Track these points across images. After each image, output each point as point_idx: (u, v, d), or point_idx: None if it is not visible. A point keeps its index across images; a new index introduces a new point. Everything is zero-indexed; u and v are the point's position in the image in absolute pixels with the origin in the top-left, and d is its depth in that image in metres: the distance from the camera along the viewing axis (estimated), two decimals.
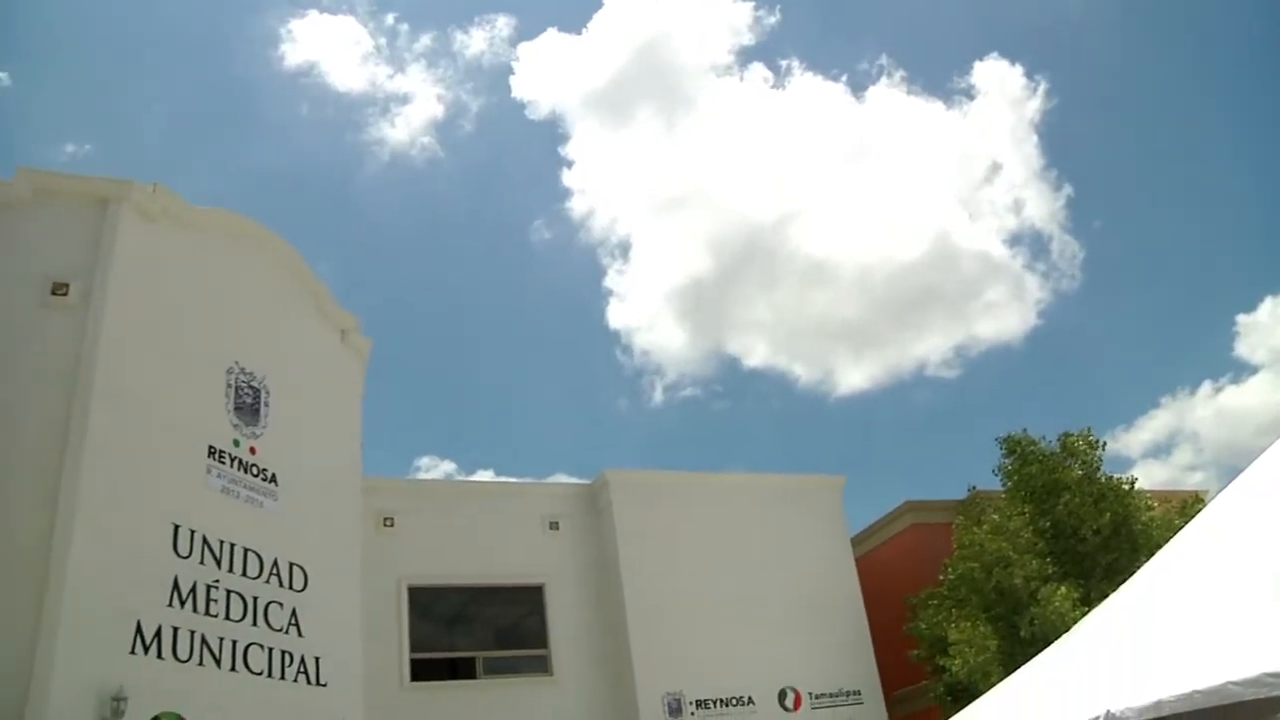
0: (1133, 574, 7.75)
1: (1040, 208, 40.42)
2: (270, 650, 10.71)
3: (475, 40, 42.64)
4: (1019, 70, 40.46)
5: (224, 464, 10.98)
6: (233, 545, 10.69)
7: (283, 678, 10.77)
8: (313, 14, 41.97)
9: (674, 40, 39.59)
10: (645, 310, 41.05)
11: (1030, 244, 41.56)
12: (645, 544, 17.28)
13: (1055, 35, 41.14)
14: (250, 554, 10.88)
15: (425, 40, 43.15)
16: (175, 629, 9.69)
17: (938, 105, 42.12)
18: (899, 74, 42.55)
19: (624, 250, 44.56)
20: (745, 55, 46.07)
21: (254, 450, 11.46)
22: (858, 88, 43.58)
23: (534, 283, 42.19)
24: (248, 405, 11.60)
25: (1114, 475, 16.52)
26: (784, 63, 43.94)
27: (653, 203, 40.32)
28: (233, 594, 10.49)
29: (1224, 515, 6.33)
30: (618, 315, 43.76)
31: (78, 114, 36.63)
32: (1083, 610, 13.03)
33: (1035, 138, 40.69)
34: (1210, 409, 39.40)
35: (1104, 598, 8.49)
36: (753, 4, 46.69)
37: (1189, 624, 5.30)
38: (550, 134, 44.87)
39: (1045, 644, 9.17)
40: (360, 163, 40.78)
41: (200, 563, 10.25)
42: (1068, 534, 16.00)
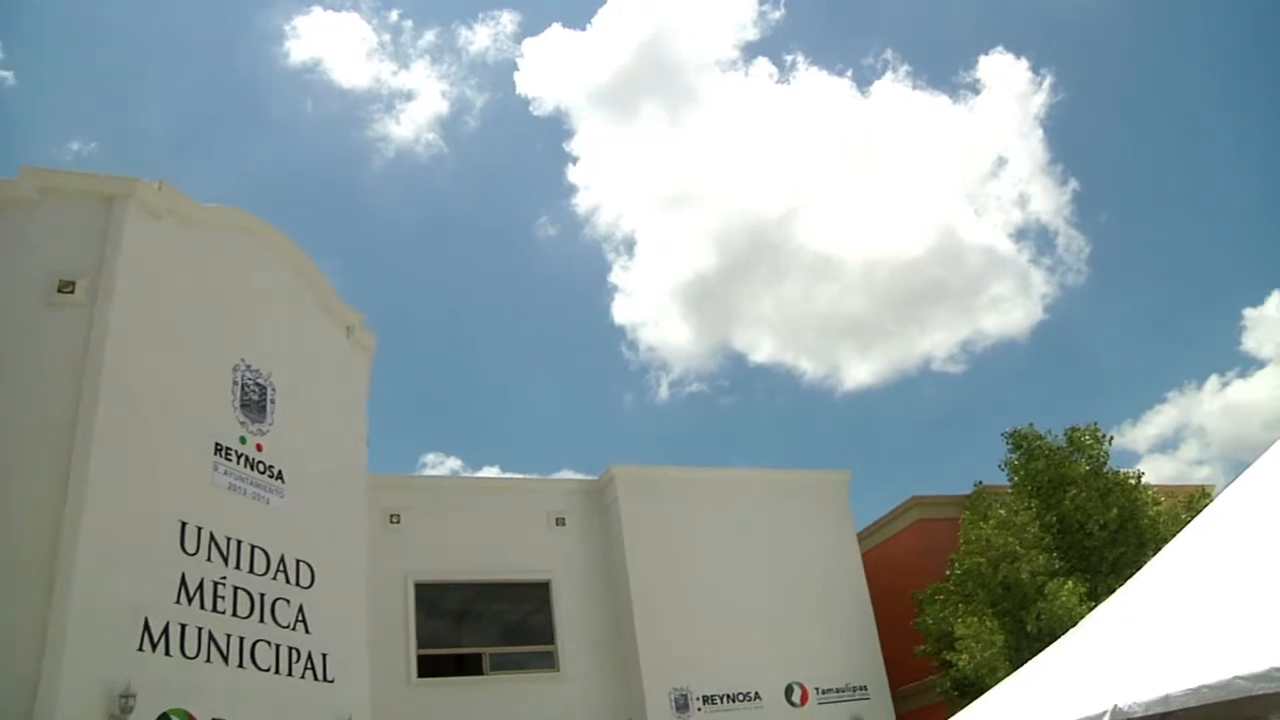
0: (1139, 569, 7.74)
1: (1046, 202, 40.36)
2: (278, 647, 10.73)
3: (479, 36, 42.67)
4: (1024, 64, 40.50)
5: (230, 461, 11.00)
6: (239, 542, 10.71)
7: (290, 674, 10.79)
8: (317, 10, 42.14)
9: (678, 35, 39.60)
10: (651, 306, 41.12)
11: (1036, 238, 41.49)
12: (651, 540, 17.30)
13: (1061, 29, 41.10)
14: (257, 551, 10.90)
15: (429, 36, 43.16)
16: (183, 626, 9.71)
17: (943, 99, 42.08)
18: (904, 68, 42.52)
19: (629, 246, 44.61)
20: (750, 50, 46.10)
21: (260, 447, 11.47)
22: (863, 82, 43.61)
23: (539, 279, 42.27)
24: (254, 402, 11.61)
25: (1121, 470, 16.51)
26: (789, 58, 43.83)
27: (658, 198, 40.35)
28: (240, 591, 10.51)
29: (1231, 510, 6.32)
30: (623, 311, 43.84)
31: (82, 112, 36.72)
32: (1089, 605, 13.02)
33: (1041, 132, 40.62)
34: (1217, 403, 39.35)
35: (1111, 592, 8.49)
36: None
37: (1196, 618, 5.29)
38: (555, 130, 44.99)
39: (1052, 639, 9.17)
40: (365, 159, 40.85)
41: (207, 559, 10.27)
42: (1074, 529, 15.98)
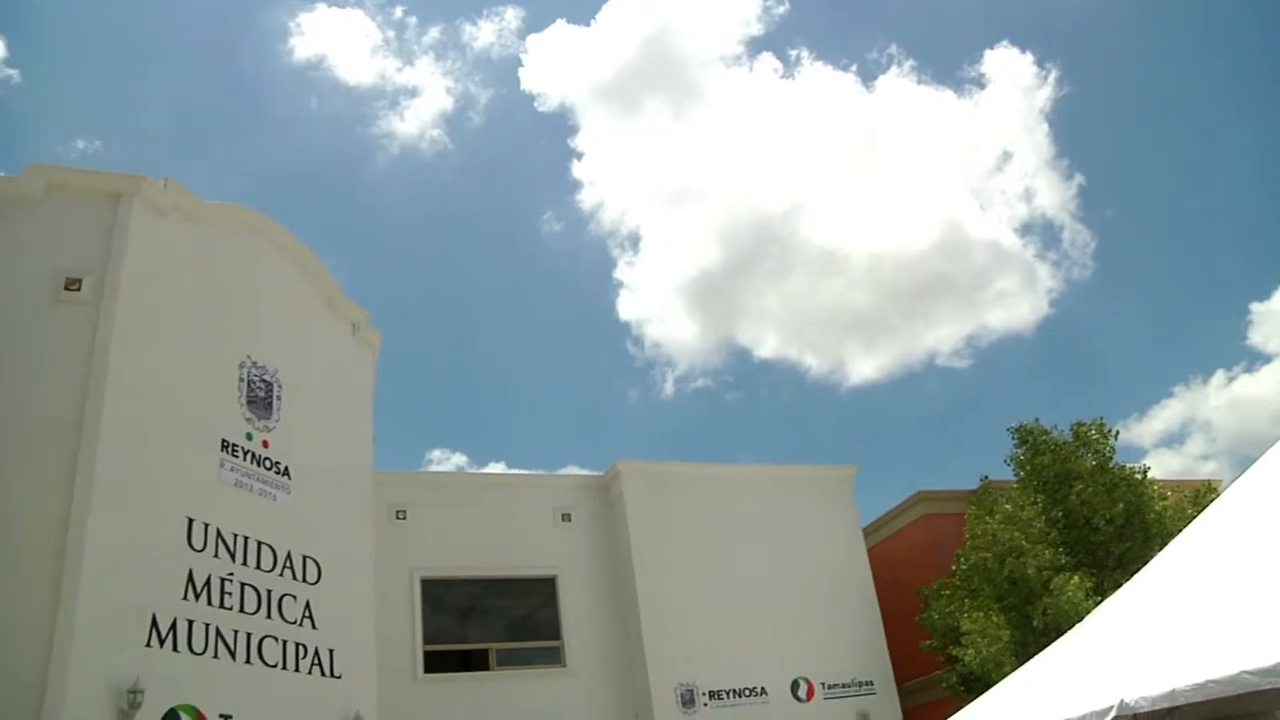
0: (1146, 564, 7.74)
1: (1051, 196, 40.28)
2: (285, 643, 10.76)
3: (484, 32, 42.69)
4: (1030, 58, 40.36)
5: (237, 457, 11.02)
6: (246, 538, 10.73)
7: (297, 670, 10.82)
8: (321, 8, 42.11)
9: (682, 31, 39.58)
10: (656, 302, 41.11)
11: (1041, 233, 41.33)
12: (657, 535, 17.32)
13: (1066, 23, 40.96)
14: (264, 547, 10.92)
15: (434, 33, 43.19)
16: (190, 622, 9.73)
17: (948, 94, 42.04)
18: (909, 63, 42.44)
19: (634, 242, 44.63)
20: (754, 45, 45.96)
21: (267, 444, 11.49)
22: (868, 77, 43.52)
23: (544, 275, 42.28)
24: (260, 399, 11.63)
25: (1127, 465, 16.46)
26: (793, 52, 43.76)
27: (662, 194, 40.34)
28: (247, 587, 10.54)
29: (1237, 505, 6.32)
30: (628, 307, 43.82)
31: (87, 110, 36.81)
32: (1096, 600, 13.02)
33: (1046, 126, 40.53)
34: (1224, 398, 39.24)
35: (1117, 587, 8.49)
36: None
37: (1203, 613, 5.29)
38: (559, 126, 44.93)
39: (1058, 634, 9.17)
40: (370, 156, 40.88)
41: (214, 556, 10.29)
42: (1080, 523, 15.95)
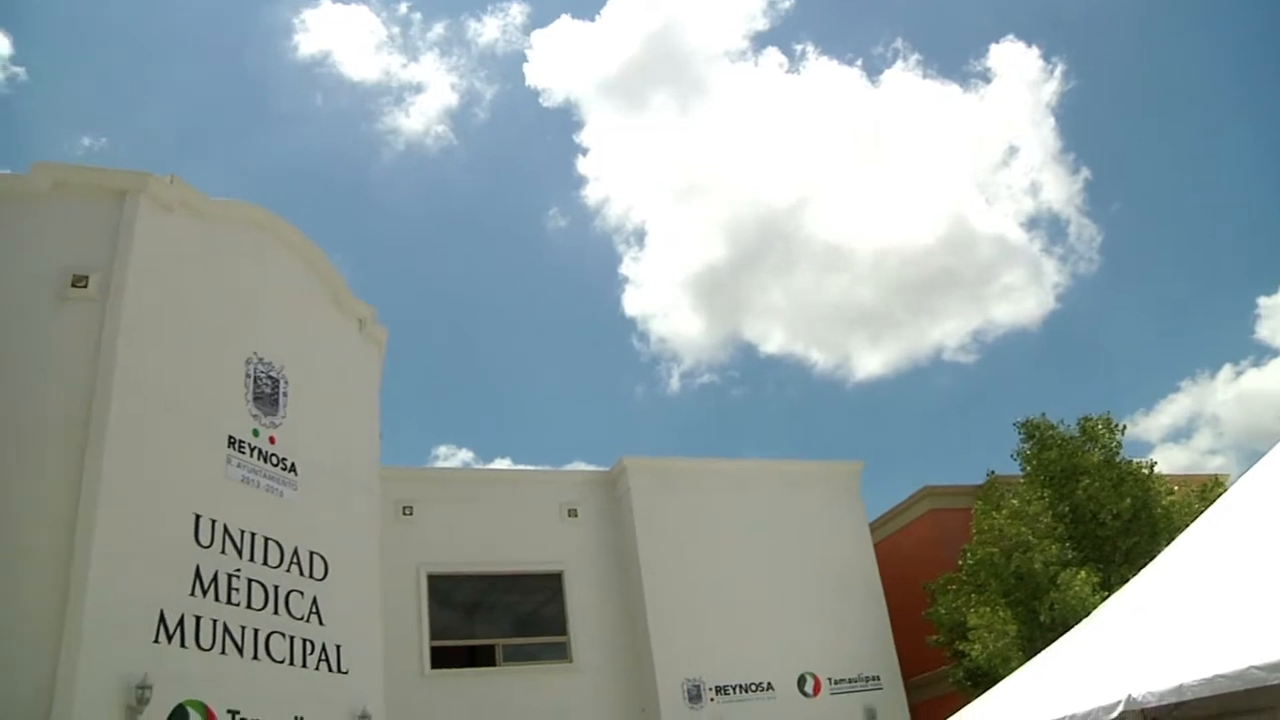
0: (1153, 558, 7.73)
1: (1058, 191, 40.18)
2: (292, 639, 10.78)
3: (488, 28, 42.68)
4: (1036, 52, 40.21)
5: (244, 454, 11.04)
6: (253, 535, 10.75)
7: (304, 665, 10.84)
8: (325, 4, 42.09)
9: (687, 26, 39.52)
10: (661, 297, 41.08)
11: (1048, 227, 41.29)
12: (664, 531, 17.32)
13: (1072, 16, 40.82)
14: (271, 543, 10.94)
15: (438, 29, 43.19)
16: (198, 618, 9.75)
17: (953, 88, 41.91)
18: (914, 57, 42.32)
19: (639, 237, 44.61)
20: (759, 40, 45.85)
21: (273, 440, 11.50)
22: (873, 71, 43.38)
23: (550, 271, 42.28)
24: (266, 395, 11.64)
25: (1134, 459, 16.43)
26: (798, 47, 43.75)
27: (668, 189, 40.32)
28: (254, 583, 10.55)
29: (1245, 499, 6.30)
30: (634, 302, 43.81)
31: (93, 108, 36.85)
32: (1103, 595, 12.99)
33: (1052, 120, 40.36)
34: (1231, 392, 39.13)
35: (1124, 582, 8.48)
36: None
37: (1210, 608, 5.27)
38: (564, 121, 44.87)
39: (1065, 629, 9.16)
40: (375, 152, 40.90)
41: (221, 552, 10.31)
42: (1087, 518, 15.93)
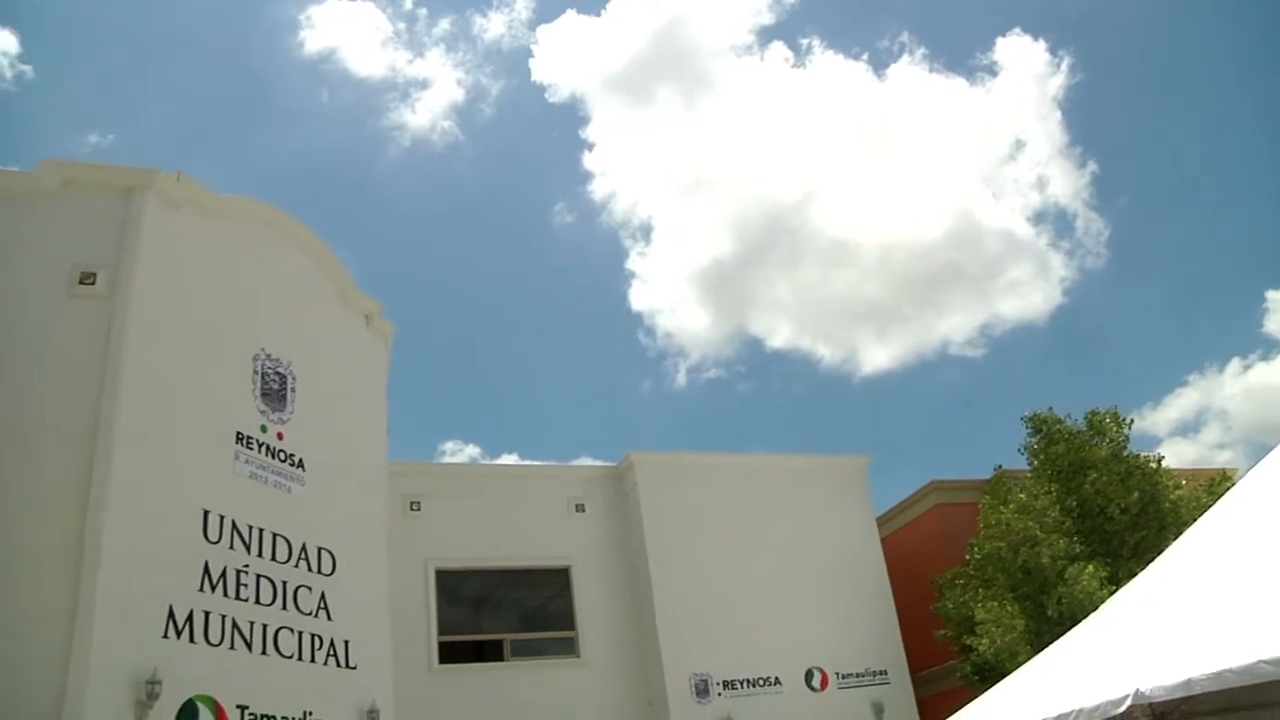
0: (1161, 553, 7.71)
1: (1064, 185, 40.01)
2: (300, 634, 10.81)
3: (494, 23, 42.62)
4: (1042, 46, 40.03)
5: (252, 450, 11.06)
6: (261, 530, 10.78)
7: (313, 660, 10.87)
8: (331, 0, 42.04)
9: (693, 21, 39.42)
10: (668, 292, 41.06)
11: (1055, 221, 41.10)
12: (671, 526, 17.33)
13: (1079, 10, 40.63)
14: (279, 539, 10.97)
15: (444, 24, 43.13)
16: (207, 613, 9.79)
17: (960, 82, 41.74)
18: (920, 51, 42.15)
19: (646, 232, 44.56)
20: (765, 35, 45.81)
21: (281, 436, 11.52)
22: (879, 66, 43.28)
23: (556, 266, 42.26)
24: (274, 391, 11.67)
25: (1141, 453, 16.38)
26: (804, 41, 43.55)
27: (674, 184, 40.26)
28: (262, 578, 10.58)
29: (1253, 493, 6.28)
30: (640, 297, 43.80)
31: (100, 105, 36.90)
32: (1111, 589, 12.98)
33: (1059, 114, 40.18)
34: (1239, 386, 38.97)
35: (1132, 577, 8.45)
36: None
37: (1218, 602, 5.26)
38: (570, 117, 44.86)
39: (1073, 623, 9.16)
40: (381, 148, 40.90)
41: (230, 548, 10.34)
42: (1095, 512, 15.90)
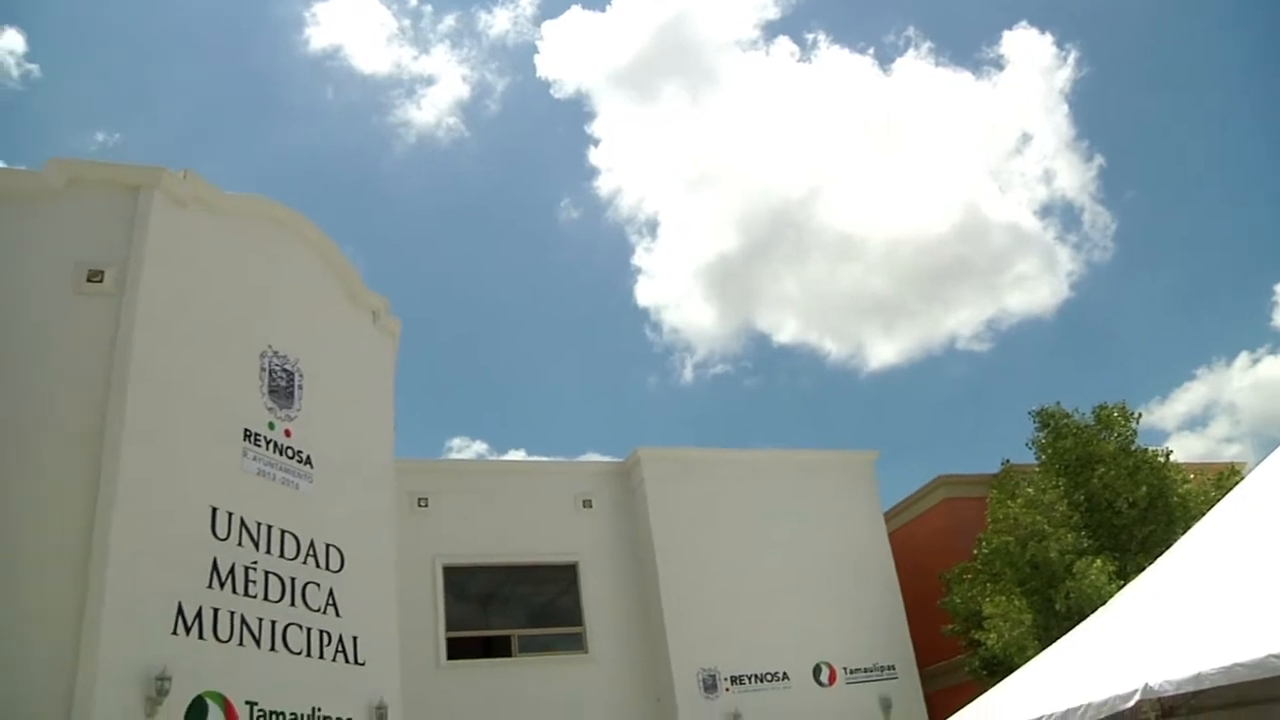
0: (1169, 547, 7.69)
1: (1071, 178, 39.89)
2: (309, 630, 10.84)
3: (499, 20, 42.61)
4: (1049, 39, 39.84)
5: (259, 447, 11.09)
6: (270, 527, 10.81)
7: (321, 657, 10.90)
8: None
9: (698, 15, 39.39)
10: (674, 287, 41.03)
11: (1061, 215, 40.98)
12: (678, 521, 17.33)
13: (1085, 3, 40.44)
14: (287, 535, 11.00)
15: (449, 21, 43.10)
16: (215, 610, 9.82)
17: (966, 76, 41.67)
18: (926, 45, 42.03)
19: (652, 228, 44.60)
20: (770, 29, 45.73)
21: (289, 433, 11.55)
22: (885, 60, 43.16)
23: (562, 262, 42.26)
24: (281, 388, 11.69)
25: (1149, 447, 16.33)
26: (810, 36, 43.46)
27: (680, 180, 40.23)
28: (271, 575, 10.62)
29: (1261, 487, 6.26)
30: (646, 293, 43.77)
31: (106, 104, 36.98)
32: (1119, 583, 12.96)
33: (1066, 107, 40.06)
34: (1247, 380, 38.83)
35: (1140, 571, 8.43)
36: None
37: (1227, 596, 5.25)
38: (576, 112, 44.82)
39: (1081, 618, 9.14)
40: (386, 145, 40.92)
41: (238, 544, 10.37)
42: (1103, 507, 15.86)
